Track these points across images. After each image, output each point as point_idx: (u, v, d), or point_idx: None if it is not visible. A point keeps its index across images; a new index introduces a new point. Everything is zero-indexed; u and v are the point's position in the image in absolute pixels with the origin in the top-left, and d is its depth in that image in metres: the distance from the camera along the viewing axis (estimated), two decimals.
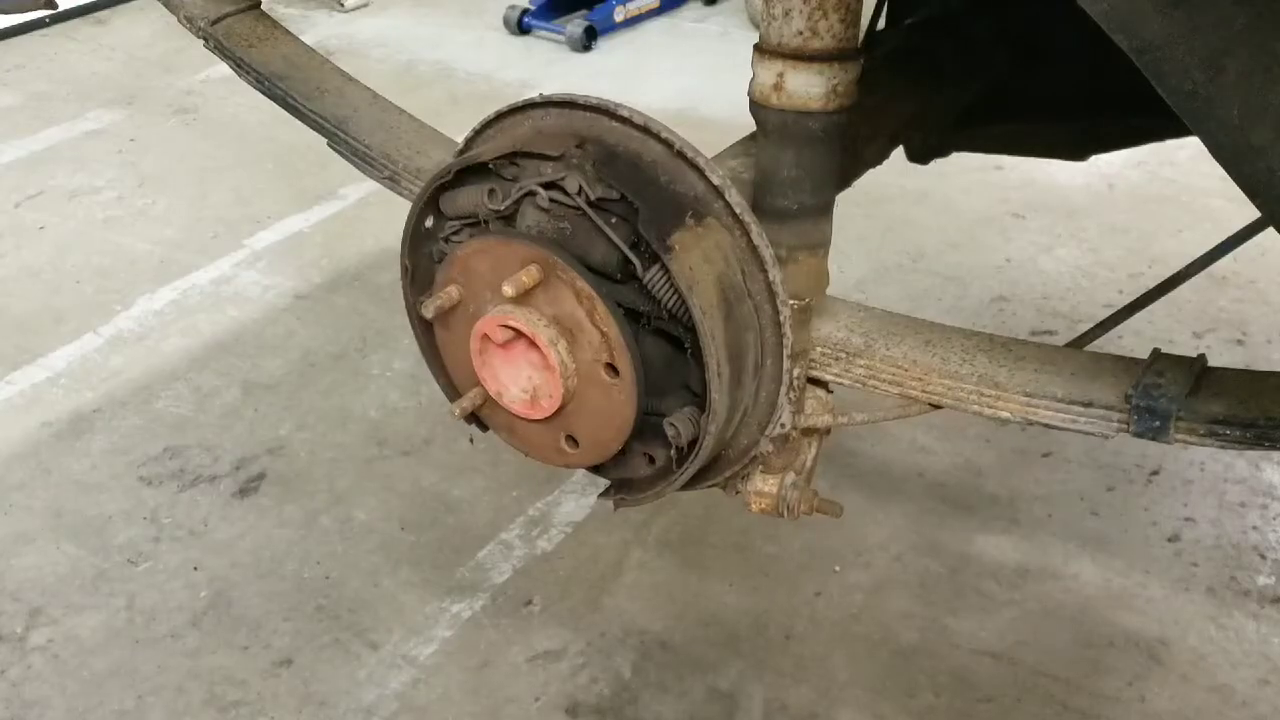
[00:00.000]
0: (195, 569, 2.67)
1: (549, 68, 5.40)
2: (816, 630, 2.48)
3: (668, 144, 1.38)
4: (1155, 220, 3.95)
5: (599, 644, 2.46)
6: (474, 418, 1.60)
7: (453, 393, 1.61)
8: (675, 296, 1.33)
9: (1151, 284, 1.63)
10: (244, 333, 3.52)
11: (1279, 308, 3.47)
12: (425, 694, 2.37)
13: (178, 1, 2.09)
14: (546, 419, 1.48)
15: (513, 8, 5.74)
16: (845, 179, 1.88)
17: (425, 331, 1.60)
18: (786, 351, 1.44)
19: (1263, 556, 2.63)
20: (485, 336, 1.46)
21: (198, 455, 3.01)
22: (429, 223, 1.54)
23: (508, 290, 1.35)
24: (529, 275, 1.37)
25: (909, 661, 2.40)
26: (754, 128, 1.53)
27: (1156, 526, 2.72)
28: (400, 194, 1.88)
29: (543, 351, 1.41)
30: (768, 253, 1.40)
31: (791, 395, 1.49)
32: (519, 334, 1.43)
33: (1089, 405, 1.40)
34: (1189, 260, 1.60)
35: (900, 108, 2.02)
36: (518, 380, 1.48)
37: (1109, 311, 1.64)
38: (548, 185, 1.39)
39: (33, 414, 3.18)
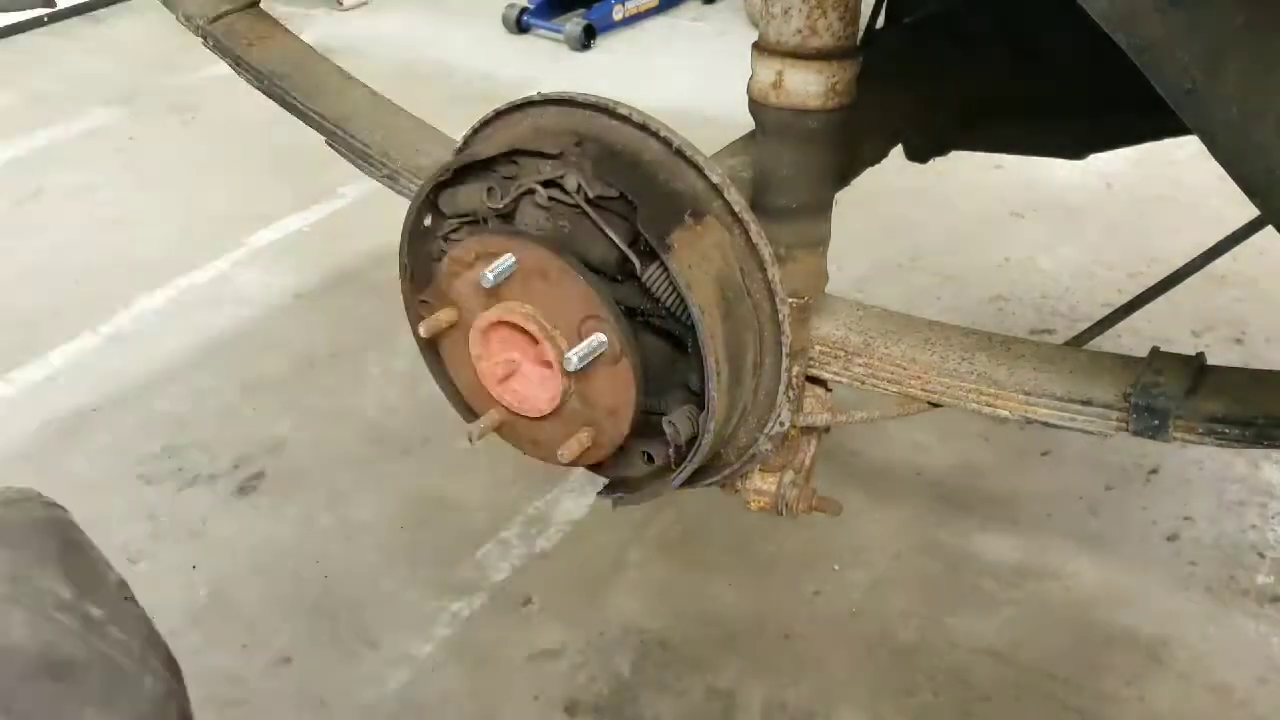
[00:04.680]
0: (194, 568, 2.67)
1: (548, 66, 5.40)
2: (815, 629, 2.48)
3: (666, 142, 1.38)
4: (1154, 219, 3.95)
5: (598, 643, 2.46)
6: (470, 413, 1.60)
7: (452, 392, 1.61)
8: (674, 295, 1.33)
9: (1150, 283, 1.63)
10: (243, 332, 3.51)
11: (1278, 307, 3.47)
12: (424, 692, 2.37)
13: None
14: (545, 417, 1.48)
15: (512, 6, 5.74)
16: (844, 177, 1.87)
17: None
18: (785, 350, 1.44)
19: (1261, 555, 2.63)
20: (485, 334, 1.46)
21: (196, 454, 3.01)
22: (428, 221, 1.54)
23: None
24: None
25: (908, 660, 2.40)
26: (753, 126, 1.53)
27: (1156, 525, 2.72)
28: (399, 192, 1.88)
29: (542, 349, 1.41)
30: (766, 251, 1.40)
31: (790, 393, 1.49)
32: (520, 331, 1.43)
33: (1088, 403, 1.40)
34: (1188, 259, 1.59)
35: (899, 106, 2.02)
36: (518, 378, 1.48)
37: (1108, 310, 1.64)
38: (546, 183, 1.39)
39: (32, 413, 3.18)
